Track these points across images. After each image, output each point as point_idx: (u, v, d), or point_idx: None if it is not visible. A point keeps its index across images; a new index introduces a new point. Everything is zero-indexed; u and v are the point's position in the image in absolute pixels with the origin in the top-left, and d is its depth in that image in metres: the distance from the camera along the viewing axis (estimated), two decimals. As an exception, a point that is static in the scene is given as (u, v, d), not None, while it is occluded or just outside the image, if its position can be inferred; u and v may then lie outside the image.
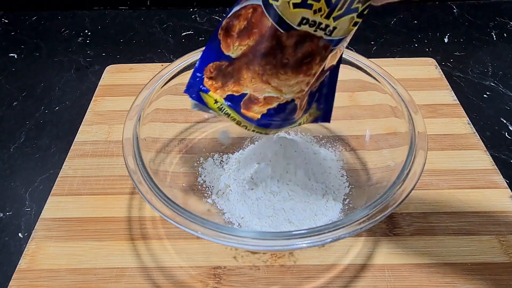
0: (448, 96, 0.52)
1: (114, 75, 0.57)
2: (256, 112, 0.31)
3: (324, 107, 0.34)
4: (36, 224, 0.39)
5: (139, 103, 0.38)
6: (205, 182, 0.42)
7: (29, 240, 0.38)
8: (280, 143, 0.40)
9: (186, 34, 0.69)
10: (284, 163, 0.39)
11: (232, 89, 0.31)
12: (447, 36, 0.67)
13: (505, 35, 0.67)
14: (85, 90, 0.57)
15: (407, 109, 0.38)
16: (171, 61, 0.55)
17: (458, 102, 0.51)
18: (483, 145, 0.46)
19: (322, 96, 0.33)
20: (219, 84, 0.31)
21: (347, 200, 0.40)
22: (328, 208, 0.39)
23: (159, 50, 0.65)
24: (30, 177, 0.46)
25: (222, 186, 0.41)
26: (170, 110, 0.44)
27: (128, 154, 0.34)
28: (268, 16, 0.26)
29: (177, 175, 0.42)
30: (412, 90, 0.42)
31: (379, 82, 0.41)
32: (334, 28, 0.26)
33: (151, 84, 0.40)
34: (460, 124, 0.49)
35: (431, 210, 0.40)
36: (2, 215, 0.42)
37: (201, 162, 0.44)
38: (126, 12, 0.74)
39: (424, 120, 0.36)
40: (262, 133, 0.35)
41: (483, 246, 0.37)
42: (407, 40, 0.66)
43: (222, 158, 0.45)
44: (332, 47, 0.27)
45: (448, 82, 0.54)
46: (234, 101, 0.31)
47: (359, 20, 0.26)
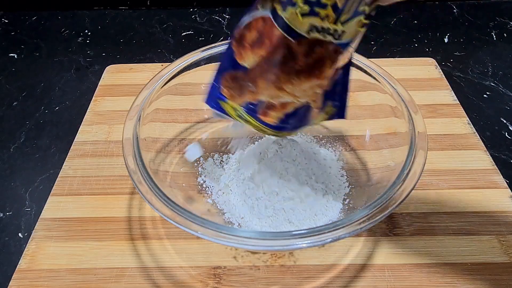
0: (448, 96, 0.52)
1: (114, 75, 0.56)
2: (274, 117, 0.32)
3: (339, 104, 0.34)
4: (36, 224, 0.39)
5: (139, 103, 0.38)
6: (205, 182, 0.42)
7: (29, 240, 0.38)
8: (280, 143, 0.40)
9: (186, 34, 0.69)
10: (284, 163, 0.39)
11: (249, 97, 0.32)
12: (447, 36, 0.67)
13: (505, 35, 0.67)
14: (85, 90, 0.57)
15: (407, 109, 0.38)
16: (171, 61, 0.55)
17: (458, 102, 0.51)
18: (483, 145, 0.46)
19: (336, 94, 0.33)
20: (236, 93, 0.32)
21: (347, 200, 0.40)
22: (328, 208, 0.39)
23: (159, 50, 0.65)
24: (30, 177, 0.46)
25: (222, 186, 0.41)
26: (170, 110, 0.44)
27: (128, 154, 0.34)
28: (278, 27, 0.27)
29: (177, 175, 0.42)
30: (412, 90, 0.42)
31: (379, 82, 0.41)
32: (343, 32, 0.26)
33: (151, 84, 0.40)
34: (460, 124, 0.49)
35: (431, 210, 0.40)
36: (2, 215, 0.42)
37: (201, 162, 0.44)
38: (126, 12, 0.74)
39: (424, 120, 0.36)
40: (280, 136, 0.35)
41: (483, 246, 0.37)
42: (407, 40, 0.66)
43: (222, 158, 0.45)
44: (342, 50, 0.28)
45: (448, 82, 0.54)
46: (251, 108, 0.32)
47: (366, 22, 0.26)
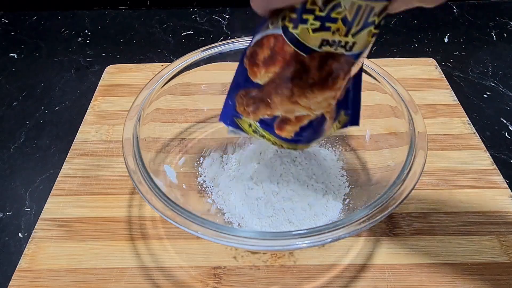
0: (448, 96, 0.52)
1: (114, 75, 0.56)
2: (290, 131, 0.32)
3: (351, 112, 0.35)
4: (36, 224, 0.39)
5: (139, 103, 0.38)
6: (205, 182, 0.42)
7: (29, 240, 0.38)
8: (280, 143, 0.40)
9: (186, 34, 0.69)
10: (284, 163, 0.39)
11: (264, 112, 0.32)
12: (447, 36, 0.67)
13: (505, 35, 0.67)
14: (85, 90, 0.57)
15: (407, 109, 0.38)
16: (171, 61, 0.55)
17: (458, 102, 0.51)
18: (483, 145, 0.46)
19: (349, 102, 0.34)
20: (251, 109, 0.32)
21: (347, 200, 0.40)
22: (328, 208, 0.39)
23: (159, 50, 0.65)
24: (30, 177, 0.46)
25: (222, 186, 0.41)
26: (170, 110, 0.44)
27: (128, 154, 0.34)
28: (290, 44, 0.27)
29: (177, 175, 0.42)
30: (412, 90, 0.42)
31: (379, 82, 0.41)
32: (354, 43, 0.27)
33: (151, 84, 0.40)
34: (460, 124, 0.49)
35: (431, 210, 0.40)
36: (2, 215, 0.42)
37: (201, 162, 0.44)
38: (126, 12, 0.74)
39: (424, 120, 0.36)
40: (296, 149, 0.36)
41: (483, 246, 0.37)
42: (407, 40, 0.66)
43: (222, 158, 0.45)
44: (354, 60, 0.28)
45: (448, 82, 0.54)
46: (267, 123, 0.32)
47: (376, 31, 0.26)
